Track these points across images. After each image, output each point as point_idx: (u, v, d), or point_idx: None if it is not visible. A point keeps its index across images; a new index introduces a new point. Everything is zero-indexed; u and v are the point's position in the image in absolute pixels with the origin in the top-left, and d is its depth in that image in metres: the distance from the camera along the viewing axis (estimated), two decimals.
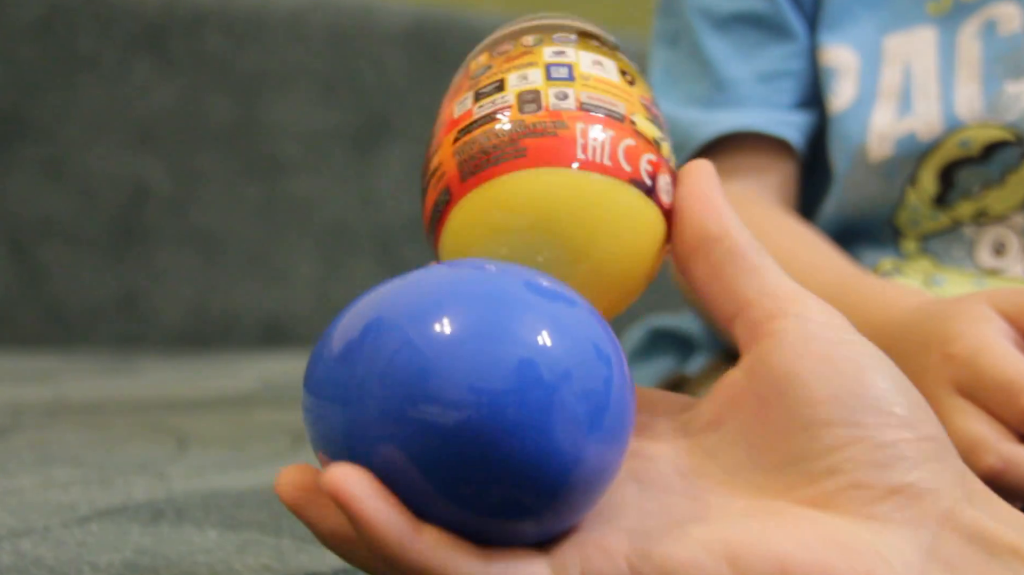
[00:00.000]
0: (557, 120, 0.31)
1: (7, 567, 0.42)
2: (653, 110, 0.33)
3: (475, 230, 0.31)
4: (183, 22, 1.28)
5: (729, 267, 0.31)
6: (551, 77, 0.31)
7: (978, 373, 0.41)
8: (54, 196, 1.23)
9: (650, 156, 0.31)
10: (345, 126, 1.35)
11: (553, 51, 0.32)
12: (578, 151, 0.30)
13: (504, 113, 0.31)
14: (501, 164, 0.31)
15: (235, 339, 1.28)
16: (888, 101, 0.60)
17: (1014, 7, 0.58)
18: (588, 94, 0.31)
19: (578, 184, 0.30)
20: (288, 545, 0.48)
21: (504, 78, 0.32)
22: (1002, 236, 0.58)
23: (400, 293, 0.28)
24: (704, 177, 0.32)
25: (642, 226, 0.31)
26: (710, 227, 0.31)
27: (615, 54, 0.33)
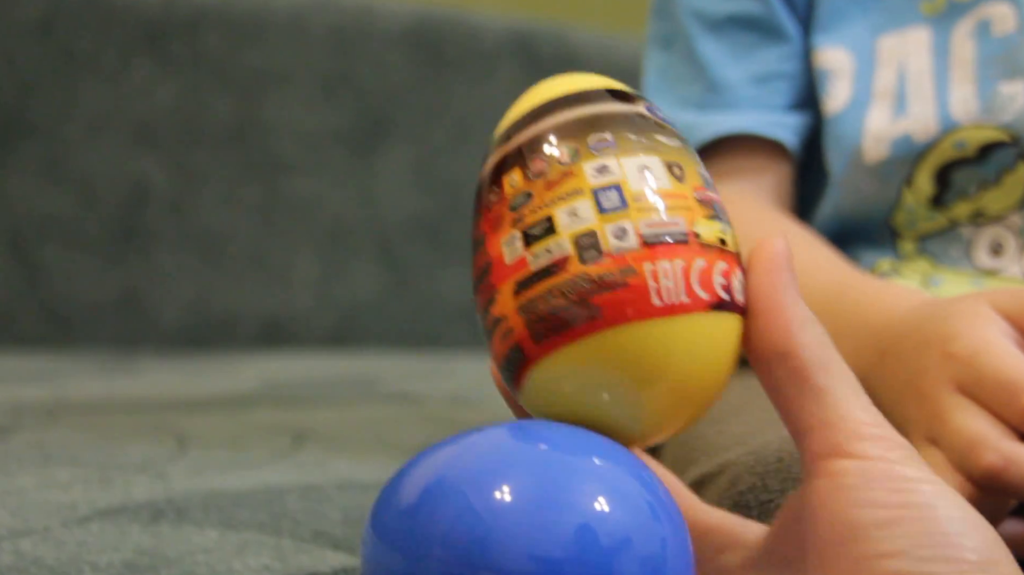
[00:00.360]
0: (624, 267, 0.29)
1: (7, 567, 0.42)
2: (707, 195, 0.31)
3: (557, 392, 0.30)
4: (183, 22, 1.28)
5: (792, 388, 0.29)
6: (603, 209, 0.29)
7: (978, 372, 0.41)
8: (54, 196, 1.23)
9: (721, 266, 0.30)
10: (345, 126, 1.35)
11: (595, 168, 0.30)
12: (653, 298, 0.29)
13: (565, 266, 0.29)
14: (574, 328, 0.29)
15: (235, 339, 1.28)
16: (883, 102, 0.60)
17: (1008, 7, 0.58)
18: (647, 222, 0.29)
19: (660, 333, 0.29)
20: (288, 545, 0.48)
21: (552, 215, 0.30)
22: (999, 236, 0.58)
23: (464, 455, 0.28)
24: (773, 272, 0.30)
25: (721, 339, 0.30)
26: (776, 343, 0.30)
27: (654, 139, 0.31)
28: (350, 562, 0.47)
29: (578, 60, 1.44)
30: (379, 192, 1.36)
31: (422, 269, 1.37)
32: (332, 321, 1.33)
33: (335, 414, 0.84)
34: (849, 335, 0.50)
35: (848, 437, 0.28)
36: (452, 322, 1.38)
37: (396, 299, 1.36)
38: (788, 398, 0.30)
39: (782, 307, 0.30)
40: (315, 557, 0.47)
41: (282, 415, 0.81)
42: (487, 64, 1.40)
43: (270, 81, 1.31)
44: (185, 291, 1.27)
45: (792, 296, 0.30)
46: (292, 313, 1.32)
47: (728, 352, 0.30)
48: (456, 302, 1.38)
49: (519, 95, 0.34)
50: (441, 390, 1.02)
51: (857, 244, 0.62)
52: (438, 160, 1.38)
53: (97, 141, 1.25)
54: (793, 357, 0.29)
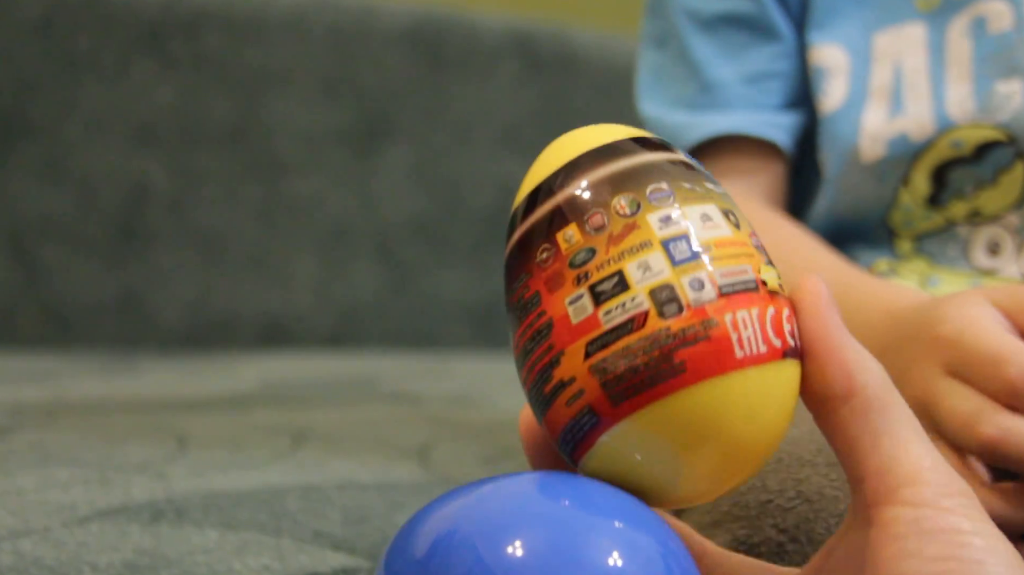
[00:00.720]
0: (705, 320, 0.28)
1: (7, 567, 0.42)
2: (759, 240, 0.31)
3: (633, 455, 0.30)
4: (183, 22, 1.28)
5: (852, 430, 0.29)
6: (676, 261, 0.29)
7: (963, 350, 0.42)
8: (54, 196, 1.23)
9: (787, 311, 0.30)
10: (345, 126, 1.35)
11: (659, 218, 0.29)
12: (736, 349, 0.28)
13: (644, 322, 0.28)
14: (659, 386, 0.28)
15: (235, 339, 1.28)
16: (879, 100, 0.60)
17: (1004, 4, 0.58)
18: (721, 271, 0.29)
19: (744, 384, 0.29)
20: (288, 545, 0.48)
21: (623, 270, 0.29)
22: (996, 236, 0.58)
23: (480, 507, 0.28)
24: (824, 313, 0.30)
25: (789, 385, 0.30)
26: (835, 385, 0.29)
27: (705, 187, 0.30)
28: (350, 562, 0.47)
29: (578, 60, 1.44)
30: (379, 192, 1.36)
31: (422, 269, 1.37)
32: (332, 321, 1.33)
33: (335, 414, 0.84)
34: (852, 334, 0.50)
35: (903, 482, 0.28)
36: (452, 322, 1.38)
37: (396, 299, 1.36)
38: (847, 441, 0.29)
39: (839, 348, 0.29)
40: (315, 557, 0.47)
41: (282, 415, 0.81)
42: (487, 64, 1.40)
43: (270, 81, 1.31)
44: (185, 291, 1.27)
45: (846, 335, 0.29)
46: (292, 313, 1.31)
47: (793, 397, 0.30)
48: (456, 302, 1.38)
49: (519, 95, 0.34)
50: (441, 390, 1.02)
51: (854, 243, 0.62)
52: (438, 160, 1.38)
53: (97, 141, 1.25)
54: (853, 399, 0.29)
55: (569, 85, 1.43)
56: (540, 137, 1.49)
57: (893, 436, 0.28)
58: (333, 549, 0.48)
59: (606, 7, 1.63)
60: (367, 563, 0.48)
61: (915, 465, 0.28)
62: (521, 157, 1.41)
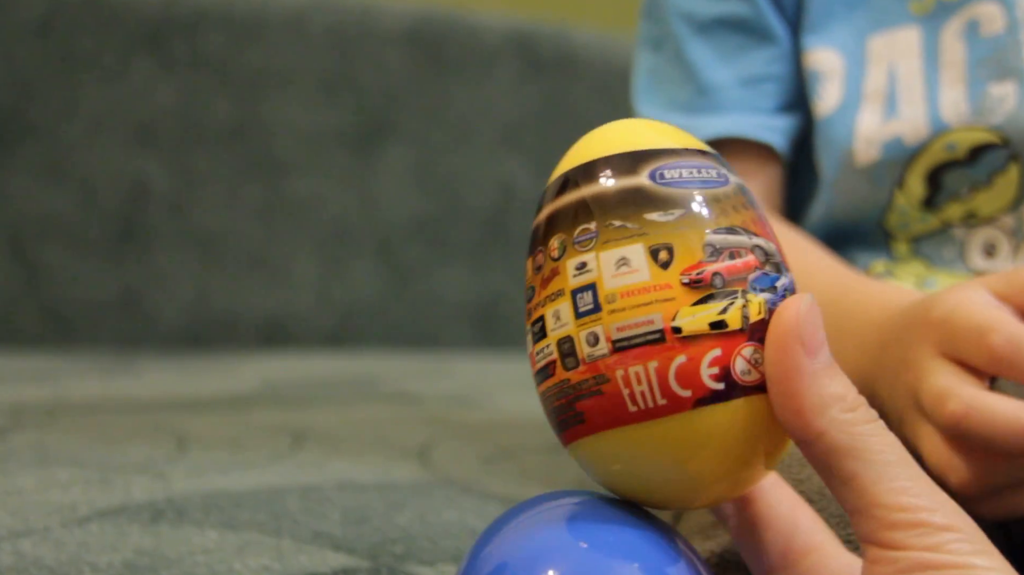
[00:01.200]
0: (597, 375, 0.29)
1: (7, 567, 0.43)
2: (704, 272, 0.29)
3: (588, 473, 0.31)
4: (183, 22, 1.28)
5: (824, 473, 0.28)
6: (579, 313, 0.29)
7: (952, 326, 0.42)
8: (54, 196, 1.23)
9: (713, 354, 0.29)
10: (345, 126, 1.35)
11: (575, 265, 0.29)
12: (628, 404, 0.29)
13: (554, 370, 0.30)
14: (569, 431, 0.30)
15: (235, 339, 1.28)
16: (873, 103, 0.60)
17: (996, 7, 0.58)
18: (618, 325, 0.29)
19: (643, 436, 0.29)
20: (288, 545, 0.48)
21: (544, 316, 0.30)
22: (992, 238, 0.58)
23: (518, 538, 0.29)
24: (785, 348, 0.28)
25: (728, 428, 0.29)
26: (795, 431, 0.28)
27: (643, 221, 0.29)
28: (350, 562, 0.47)
29: (578, 60, 1.44)
30: (379, 192, 1.36)
31: (422, 269, 1.37)
32: (332, 321, 1.33)
33: (335, 414, 0.84)
34: (853, 334, 0.50)
35: (879, 526, 0.27)
36: (452, 322, 1.38)
37: (396, 299, 1.36)
38: (824, 481, 0.28)
39: (796, 392, 0.28)
40: (315, 557, 0.47)
41: (282, 415, 0.81)
42: (487, 64, 1.40)
43: (270, 81, 1.32)
44: (185, 291, 1.27)
45: (808, 374, 0.28)
46: (292, 313, 1.32)
47: (743, 435, 0.29)
48: (456, 302, 1.38)
49: (519, 95, 0.33)
50: (441, 390, 1.02)
51: (850, 246, 0.62)
52: (438, 160, 1.38)
53: (97, 141, 1.25)
54: (815, 445, 0.28)
55: (569, 85, 1.43)
56: (540, 137, 1.50)
57: (863, 478, 0.27)
58: (333, 549, 0.48)
59: (606, 7, 1.63)
60: (367, 563, 0.48)
61: (889, 507, 0.27)
62: (521, 157, 1.41)
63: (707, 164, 0.31)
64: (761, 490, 0.32)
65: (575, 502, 0.30)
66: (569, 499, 0.30)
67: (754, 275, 0.29)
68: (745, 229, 0.30)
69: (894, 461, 0.27)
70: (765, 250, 0.30)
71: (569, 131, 0.38)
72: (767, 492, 0.32)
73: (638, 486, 0.30)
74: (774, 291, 0.30)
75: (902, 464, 0.27)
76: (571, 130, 0.34)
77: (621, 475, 0.30)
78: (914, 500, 0.27)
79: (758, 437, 0.29)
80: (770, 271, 0.30)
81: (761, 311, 0.29)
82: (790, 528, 0.32)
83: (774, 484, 0.32)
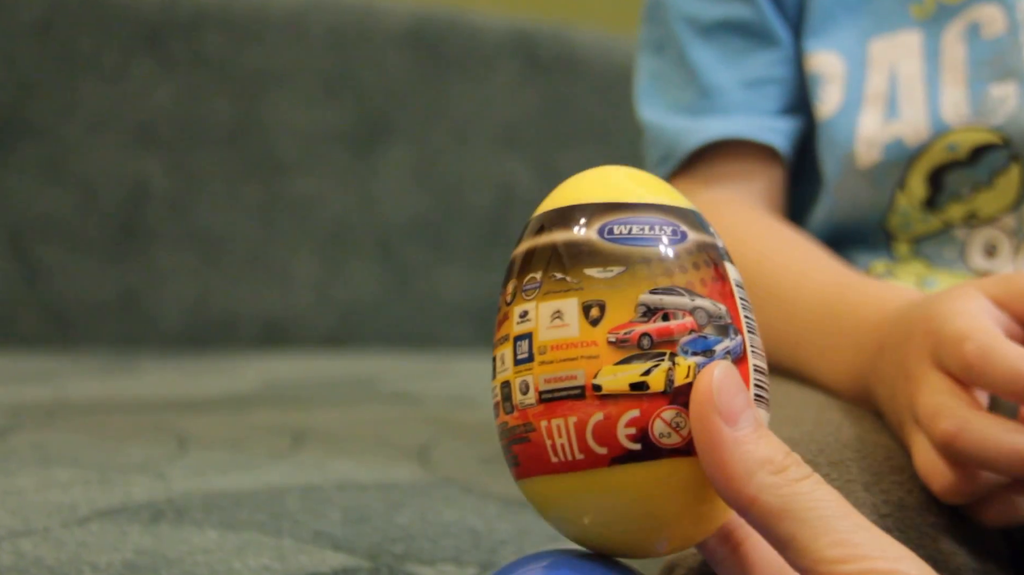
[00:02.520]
0: (526, 422, 0.30)
1: (7, 567, 0.43)
2: (633, 332, 0.29)
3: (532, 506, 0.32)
4: (183, 22, 1.28)
5: (766, 537, 0.28)
6: (517, 360, 0.30)
7: (938, 336, 0.42)
8: (54, 196, 1.23)
9: (631, 415, 0.29)
10: (345, 126, 1.35)
11: (519, 313, 0.30)
12: (550, 455, 0.29)
13: (498, 409, 0.31)
14: (512, 469, 0.31)
15: (235, 339, 1.28)
16: (874, 106, 0.60)
17: (997, 9, 0.58)
18: (546, 377, 0.29)
19: (568, 486, 0.29)
20: (288, 545, 0.48)
21: (495, 356, 0.31)
22: (993, 238, 0.58)
23: None
24: (704, 417, 0.28)
25: (649, 486, 0.29)
26: (727, 498, 0.28)
27: (582, 275, 0.30)
28: (350, 562, 0.47)
29: (578, 60, 1.44)
30: (379, 192, 1.36)
31: (422, 269, 1.37)
32: (332, 321, 1.33)
33: (335, 414, 0.84)
34: (849, 333, 0.50)
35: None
36: (452, 322, 1.38)
37: (396, 299, 1.36)
38: (771, 545, 0.28)
39: (722, 461, 0.28)
40: (315, 557, 0.47)
41: (282, 415, 0.81)
42: (487, 64, 1.40)
43: (270, 81, 1.31)
44: (185, 291, 1.27)
45: (730, 443, 0.28)
46: (292, 313, 1.32)
47: (668, 495, 0.29)
48: (456, 302, 1.38)
49: (519, 95, 0.33)
50: (441, 390, 1.02)
51: (852, 247, 0.62)
52: (438, 160, 1.38)
53: (97, 141, 1.25)
54: (749, 512, 0.28)
55: (569, 85, 1.43)
56: (540, 137, 1.50)
57: (799, 539, 0.27)
58: (333, 549, 0.48)
59: (606, 7, 1.63)
60: (367, 563, 0.48)
61: (829, 561, 0.27)
62: (521, 157, 1.41)
63: (666, 221, 0.30)
64: (747, 530, 0.32)
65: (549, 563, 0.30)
66: (542, 561, 0.31)
67: (688, 338, 0.29)
68: (688, 290, 0.29)
69: (830, 515, 0.27)
70: (709, 312, 0.30)
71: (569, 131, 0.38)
72: (754, 534, 0.32)
73: (577, 532, 0.31)
74: (710, 354, 0.29)
75: (838, 516, 0.27)
76: (571, 130, 0.34)
77: (560, 521, 0.31)
78: (855, 550, 0.26)
79: (684, 495, 0.29)
80: (710, 334, 0.29)
81: (689, 375, 0.29)
82: (779, 569, 0.32)
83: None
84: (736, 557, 0.32)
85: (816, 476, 0.28)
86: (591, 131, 1.40)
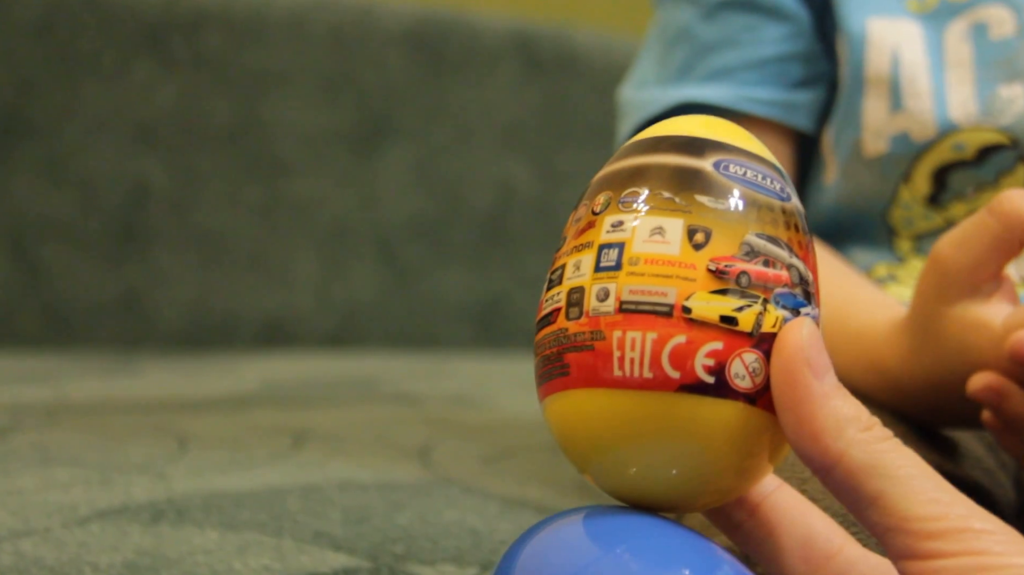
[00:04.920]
0: (595, 330, 0.29)
1: (7, 567, 0.43)
2: (735, 267, 0.29)
3: (557, 433, 0.31)
4: (183, 22, 1.28)
5: (845, 498, 0.28)
6: (599, 267, 0.29)
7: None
8: (54, 196, 1.23)
9: (713, 346, 0.28)
10: (345, 126, 1.35)
11: (612, 222, 0.29)
12: (615, 367, 0.28)
13: (556, 317, 0.30)
14: (551, 382, 0.30)
15: (235, 339, 1.28)
16: (877, 90, 0.59)
17: (1005, 10, 0.58)
18: (632, 287, 0.28)
19: (624, 404, 0.28)
20: (288, 545, 0.48)
21: (565, 263, 0.30)
22: None
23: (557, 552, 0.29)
24: (794, 370, 0.28)
25: (710, 425, 0.28)
26: (812, 457, 0.27)
27: (692, 200, 0.29)
28: (350, 562, 0.47)
29: (578, 60, 1.44)
30: (379, 192, 1.36)
31: (422, 269, 1.37)
32: (332, 321, 1.33)
33: (335, 414, 0.84)
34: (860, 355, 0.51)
35: (916, 539, 0.26)
36: (452, 322, 1.38)
37: (396, 299, 1.36)
38: (847, 506, 0.28)
39: (811, 416, 0.27)
40: (315, 557, 0.47)
41: (282, 415, 0.81)
42: (487, 64, 1.40)
43: (270, 81, 1.32)
44: (185, 291, 1.27)
45: (819, 396, 0.27)
46: (292, 313, 1.32)
47: (725, 440, 0.29)
48: (456, 302, 1.38)
49: (519, 95, 0.33)
50: (441, 390, 1.02)
51: (853, 243, 0.62)
52: (438, 160, 1.38)
53: (97, 141, 1.25)
54: (835, 469, 0.27)
55: (569, 85, 1.43)
56: (540, 137, 1.50)
57: (890, 496, 0.27)
58: (333, 549, 0.48)
59: (606, 7, 1.63)
60: (367, 563, 0.48)
61: (922, 519, 0.27)
62: (521, 157, 1.41)
63: (775, 176, 0.30)
64: (765, 494, 0.31)
65: (589, 514, 0.29)
66: (581, 514, 0.30)
67: (781, 290, 0.29)
68: (789, 246, 0.29)
69: (918, 474, 0.27)
70: (801, 273, 0.29)
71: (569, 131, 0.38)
72: (772, 495, 0.32)
73: (613, 461, 0.29)
74: (796, 314, 0.29)
75: (926, 476, 0.27)
76: (571, 130, 0.34)
77: (595, 448, 0.29)
78: (948, 509, 0.26)
79: (739, 443, 0.29)
80: (799, 294, 0.29)
81: (776, 325, 0.29)
82: (805, 532, 0.31)
83: (778, 487, 0.32)
84: (755, 520, 0.32)
85: (897, 439, 0.28)
86: (591, 131, 1.40)
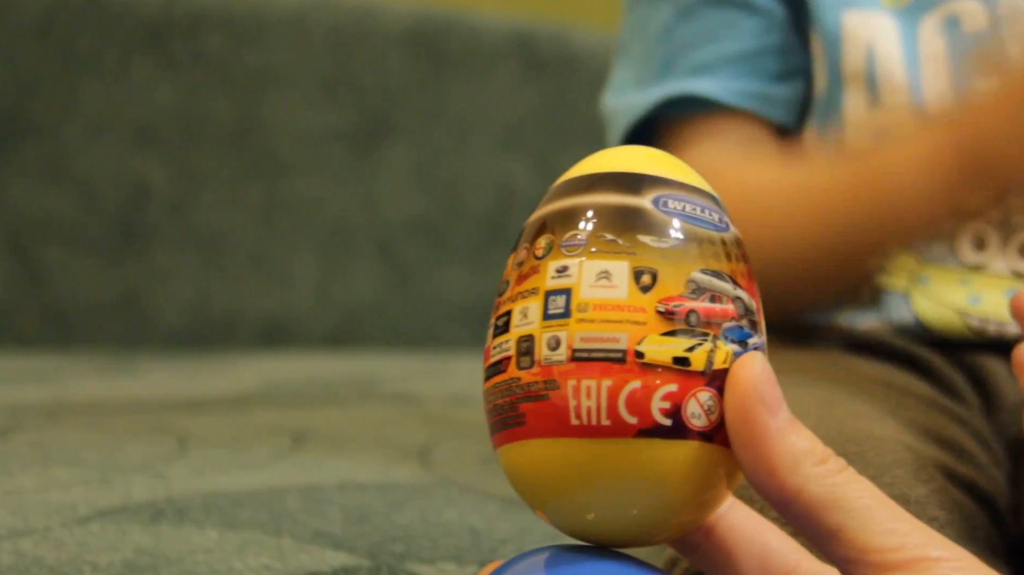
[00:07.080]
0: (549, 379, 0.28)
1: (7, 567, 0.43)
2: (683, 306, 0.29)
3: (513, 481, 0.31)
4: (183, 22, 1.28)
5: (807, 530, 0.27)
6: (547, 315, 0.29)
7: None
8: (54, 196, 1.23)
9: (668, 388, 0.28)
10: (345, 126, 1.35)
11: (556, 268, 0.29)
12: (571, 416, 0.28)
13: (507, 366, 0.29)
14: (505, 431, 0.29)
15: (235, 339, 1.28)
16: (855, 85, 0.59)
17: (977, 4, 0.58)
18: (583, 335, 0.28)
19: (582, 453, 0.28)
20: (288, 545, 0.48)
21: (511, 311, 0.30)
22: (981, 230, 0.58)
23: None
24: (747, 405, 0.27)
25: (667, 466, 0.28)
26: (769, 493, 0.27)
27: (635, 240, 0.29)
28: (350, 562, 0.47)
29: (578, 60, 1.44)
30: (379, 192, 1.36)
31: (422, 269, 1.37)
32: (332, 321, 1.33)
33: (335, 414, 0.84)
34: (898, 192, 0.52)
35: (876, 571, 0.26)
36: (452, 322, 1.38)
37: (396, 299, 1.36)
38: (808, 539, 0.28)
39: (767, 452, 0.27)
40: (315, 557, 0.47)
41: (282, 415, 0.81)
42: (487, 64, 1.40)
43: (270, 81, 1.32)
44: (185, 291, 1.27)
45: (774, 432, 0.27)
46: (292, 313, 1.32)
47: (684, 478, 0.29)
48: (456, 302, 1.38)
49: (519, 95, 0.33)
50: (441, 390, 1.02)
51: None
52: (438, 160, 1.38)
53: (97, 141, 1.25)
54: (794, 504, 0.27)
55: (569, 85, 1.43)
56: (540, 137, 1.50)
57: (850, 528, 0.27)
58: (333, 549, 0.48)
59: (606, 7, 1.63)
60: (367, 563, 0.48)
61: (882, 550, 0.26)
62: (521, 157, 1.41)
63: (713, 207, 0.30)
64: (719, 515, 0.31)
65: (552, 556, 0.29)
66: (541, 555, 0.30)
67: (729, 324, 0.29)
68: (732, 278, 0.29)
69: (874, 505, 0.27)
70: (746, 304, 0.29)
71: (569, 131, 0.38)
72: (726, 516, 0.32)
73: (574, 507, 0.30)
74: (744, 346, 0.29)
75: (883, 506, 0.27)
76: (571, 130, 0.34)
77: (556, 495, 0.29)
78: (904, 539, 0.26)
79: (697, 480, 0.29)
80: (745, 326, 0.29)
81: (727, 360, 0.29)
82: (761, 550, 0.31)
83: (731, 506, 0.32)
84: (710, 543, 0.32)
85: (852, 469, 0.28)
86: (591, 131, 1.40)
